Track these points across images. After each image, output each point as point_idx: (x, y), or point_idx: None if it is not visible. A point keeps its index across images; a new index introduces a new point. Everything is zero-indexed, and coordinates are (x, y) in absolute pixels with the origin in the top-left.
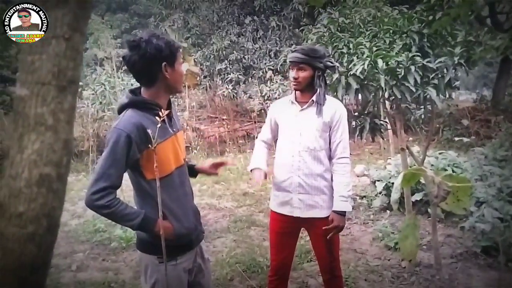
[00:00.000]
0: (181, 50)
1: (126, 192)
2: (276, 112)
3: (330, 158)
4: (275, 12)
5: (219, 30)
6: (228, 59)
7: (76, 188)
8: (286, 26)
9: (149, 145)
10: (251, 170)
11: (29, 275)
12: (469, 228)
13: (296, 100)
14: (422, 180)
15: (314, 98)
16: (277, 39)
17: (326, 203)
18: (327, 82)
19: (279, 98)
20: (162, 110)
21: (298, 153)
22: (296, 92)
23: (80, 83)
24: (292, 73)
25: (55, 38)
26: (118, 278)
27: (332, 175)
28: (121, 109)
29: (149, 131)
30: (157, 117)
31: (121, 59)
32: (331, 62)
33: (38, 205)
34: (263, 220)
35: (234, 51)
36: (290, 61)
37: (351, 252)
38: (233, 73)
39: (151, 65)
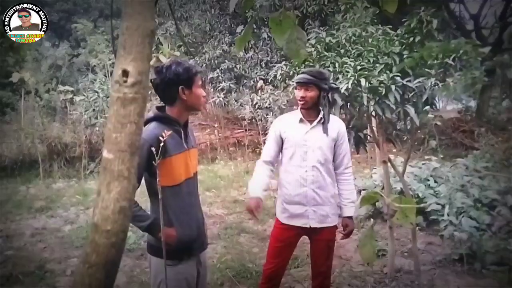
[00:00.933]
0: (199, 74)
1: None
2: (283, 129)
3: (335, 169)
4: (266, 23)
5: (211, 39)
6: (220, 68)
7: (68, 194)
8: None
9: (165, 155)
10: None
11: (111, 268)
12: (448, 237)
13: (304, 118)
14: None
15: (321, 116)
16: (268, 49)
17: (335, 212)
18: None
19: (270, 107)
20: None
21: (312, 168)
22: (302, 110)
23: (72, 89)
24: (299, 93)
25: (129, 123)
26: None
27: (335, 185)
28: (146, 122)
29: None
30: (175, 131)
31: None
32: (335, 84)
33: (118, 225)
34: (252, 227)
35: (226, 60)
36: (297, 82)
37: (336, 259)
38: (224, 81)
39: (170, 88)
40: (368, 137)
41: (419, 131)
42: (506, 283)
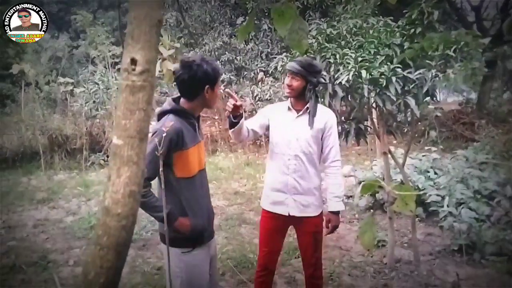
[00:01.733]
0: (222, 74)
1: None
2: (272, 114)
3: (321, 161)
4: (267, 14)
5: (212, 30)
6: (220, 60)
7: (70, 185)
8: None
9: (183, 147)
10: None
11: (122, 250)
12: (448, 227)
13: (292, 107)
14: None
15: (308, 105)
16: (269, 41)
17: (318, 203)
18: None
19: (270, 99)
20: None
21: (294, 157)
22: (291, 99)
23: (72, 81)
24: (286, 80)
25: (138, 110)
26: None
27: (321, 176)
28: (162, 114)
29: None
30: (190, 124)
31: (115, 58)
32: (324, 79)
33: (128, 209)
34: (253, 218)
35: (226, 52)
36: (287, 69)
37: (336, 249)
38: (225, 73)
39: (196, 86)
40: (369, 128)
41: (419, 123)
42: (505, 273)
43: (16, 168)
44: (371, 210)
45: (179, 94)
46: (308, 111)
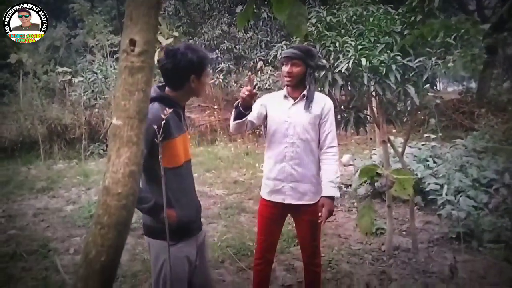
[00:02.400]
0: (211, 62)
1: None
2: (269, 103)
3: (319, 148)
4: (266, 3)
5: (210, 19)
6: (219, 49)
7: (69, 175)
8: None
9: (169, 137)
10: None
11: (122, 229)
12: (446, 215)
13: (289, 95)
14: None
15: (305, 92)
16: (268, 30)
17: (314, 190)
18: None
19: (269, 88)
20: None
21: (291, 144)
22: (288, 87)
23: (70, 70)
24: (285, 68)
25: (137, 91)
26: None
27: (319, 163)
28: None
29: (153, 127)
30: (175, 113)
31: (113, 47)
32: (322, 62)
33: (128, 188)
34: (252, 207)
35: (225, 41)
36: (285, 56)
37: (335, 237)
38: (224, 62)
39: (180, 75)
40: (368, 117)
41: (419, 111)
42: (502, 260)
43: (15, 157)
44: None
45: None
46: (305, 97)
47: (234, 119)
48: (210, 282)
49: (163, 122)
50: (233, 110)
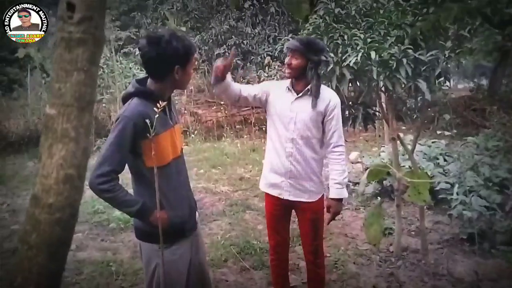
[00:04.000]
0: (196, 53)
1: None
2: (272, 92)
3: (323, 146)
4: None
5: (218, 14)
6: (227, 44)
7: None
8: (285, 12)
9: (152, 134)
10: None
11: (56, 250)
12: (457, 216)
13: (292, 88)
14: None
15: (309, 87)
16: (276, 24)
17: (315, 189)
18: (322, 71)
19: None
20: (160, 102)
21: (291, 140)
22: (292, 79)
23: None
24: (286, 59)
25: (76, 70)
26: (116, 258)
27: (322, 162)
28: (127, 97)
29: (147, 121)
30: (155, 108)
31: (119, 41)
32: (326, 58)
33: (64, 198)
34: (258, 204)
35: (233, 36)
36: (286, 47)
37: (342, 237)
38: None
39: (165, 65)
40: (377, 113)
41: (429, 108)
42: None
43: (22, 152)
44: (378, 198)
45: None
46: (309, 92)
47: (213, 83)
48: (210, 283)
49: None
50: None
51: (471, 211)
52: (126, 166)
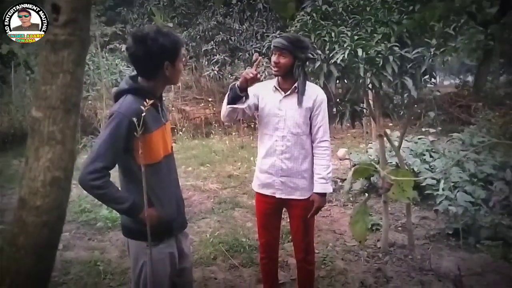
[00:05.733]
0: (184, 47)
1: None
2: (260, 93)
3: (311, 142)
4: None
5: (206, 10)
6: (215, 40)
7: None
8: (273, 8)
9: (145, 131)
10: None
11: (44, 252)
12: (443, 211)
13: (279, 87)
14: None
15: (296, 85)
16: (264, 21)
17: (307, 186)
18: (310, 69)
19: (265, 80)
20: (147, 100)
21: (282, 138)
22: (279, 78)
23: None
24: (273, 58)
25: (62, 73)
26: (104, 257)
27: (312, 159)
28: (120, 94)
29: (134, 119)
30: (145, 104)
31: (105, 38)
32: (313, 55)
33: (51, 200)
34: (246, 201)
35: (221, 32)
36: (273, 46)
37: (330, 233)
38: (219, 54)
39: (153, 63)
40: (365, 110)
41: (416, 105)
42: (500, 258)
43: (6, 150)
44: (366, 194)
45: None
46: (296, 90)
47: (229, 103)
48: (192, 283)
49: (143, 115)
50: (228, 92)
51: (456, 206)
52: None
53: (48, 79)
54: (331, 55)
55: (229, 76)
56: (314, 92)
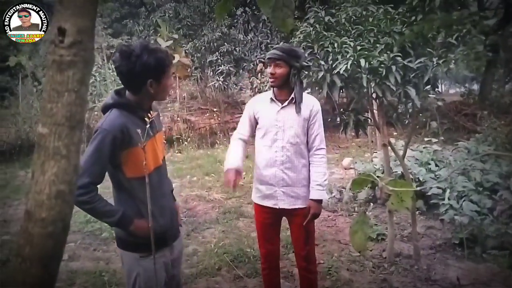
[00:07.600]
0: (172, 63)
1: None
2: (257, 109)
3: (308, 150)
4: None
5: (210, 21)
6: (219, 51)
7: None
8: (272, 23)
9: (130, 146)
10: (226, 170)
11: (48, 263)
12: (449, 221)
13: (275, 98)
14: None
15: (293, 95)
16: (268, 31)
17: (307, 194)
18: (312, 80)
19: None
20: (151, 112)
21: (282, 149)
22: (275, 89)
23: None
24: (269, 69)
25: (67, 91)
26: (109, 267)
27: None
28: (105, 109)
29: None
30: (138, 117)
31: (111, 49)
32: (307, 63)
33: (56, 212)
34: (251, 211)
35: (225, 43)
36: (268, 57)
37: (335, 243)
38: (224, 65)
39: (137, 80)
40: (369, 120)
41: (420, 114)
42: (506, 268)
43: (13, 161)
44: (371, 204)
45: None
46: (294, 100)
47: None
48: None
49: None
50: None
51: (462, 216)
52: (106, 174)
53: (54, 98)
54: (334, 65)
55: (234, 86)
56: (310, 102)
